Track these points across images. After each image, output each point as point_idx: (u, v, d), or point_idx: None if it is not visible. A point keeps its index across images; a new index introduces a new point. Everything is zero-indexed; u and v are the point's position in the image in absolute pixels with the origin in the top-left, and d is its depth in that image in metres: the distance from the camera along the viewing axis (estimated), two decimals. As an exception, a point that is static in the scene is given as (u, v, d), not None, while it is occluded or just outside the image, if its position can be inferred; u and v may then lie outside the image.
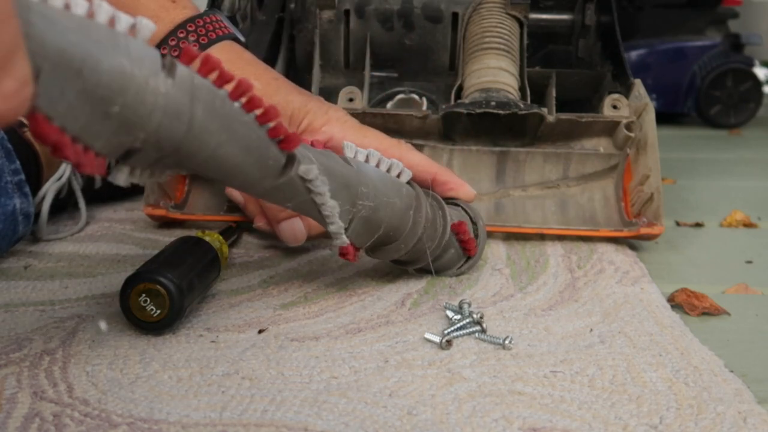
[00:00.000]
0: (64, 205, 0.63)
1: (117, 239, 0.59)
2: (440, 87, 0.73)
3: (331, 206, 0.38)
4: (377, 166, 0.44)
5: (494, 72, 0.65)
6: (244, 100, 0.31)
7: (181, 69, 0.27)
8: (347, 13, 0.71)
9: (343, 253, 0.43)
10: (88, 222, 0.63)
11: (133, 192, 0.71)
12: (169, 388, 0.36)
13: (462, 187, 0.52)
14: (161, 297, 0.40)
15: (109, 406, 0.34)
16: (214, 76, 0.30)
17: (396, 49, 0.72)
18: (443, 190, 0.51)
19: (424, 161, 0.52)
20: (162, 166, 0.29)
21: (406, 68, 0.73)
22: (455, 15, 0.71)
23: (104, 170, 0.26)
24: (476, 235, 0.51)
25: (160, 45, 0.49)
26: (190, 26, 0.49)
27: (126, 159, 0.27)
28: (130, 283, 0.40)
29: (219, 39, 0.50)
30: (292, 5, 0.77)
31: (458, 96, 0.66)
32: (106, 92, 0.24)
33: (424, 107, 0.70)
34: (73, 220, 0.63)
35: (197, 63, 0.30)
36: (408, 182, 0.47)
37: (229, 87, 0.30)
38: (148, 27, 0.26)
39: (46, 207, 0.58)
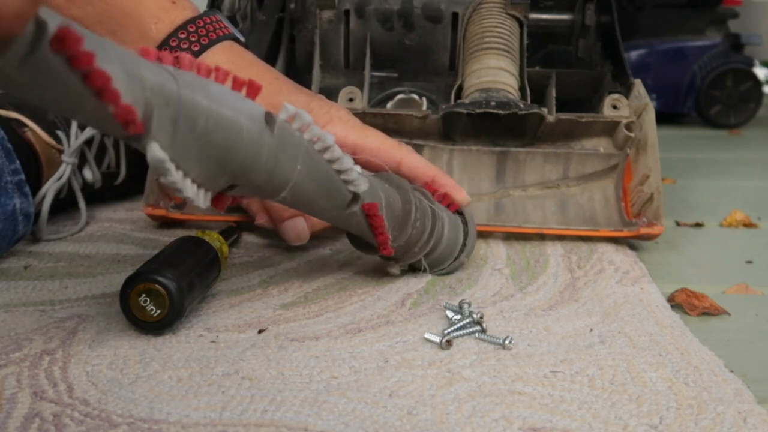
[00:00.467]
0: (64, 205, 0.63)
1: (117, 239, 0.59)
2: (440, 87, 0.73)
3: (327, 135, 0.39)
4: None
5: (494, 72, 0.65)
6: (195, 69, 0.32)
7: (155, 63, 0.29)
8: (347, 13, 0.71)
9: (370, 214, 0.43)
10: (88, 222, 0.63)
11: (133, 192, 0.71)
12: (169, 388, 0.36)
13: (459, 192, 0.52)
14: (161, 297, 0.40)
15: (109, 406, 0.34)
16: (229, 82, 0.33)
17: (396, 49, 0.72)
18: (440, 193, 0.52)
19: (422, 164, 0.52)
20: (182, 142, 0.30)
21: (406, 68, 0.73)
22: (455, 15, 0.71)
23: (140, 124, 0.27)
24: (466, 235, 0.52)
25: (161, 47, 0.49)
26: (191, 27, 0.49)
27: (149, 122, 0.28)
28: (130, 283, 0.40)
29: (219, 39, 0.50)
30: (292, 5, 0.77)
31: (458, 96, 0.66)
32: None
33: (424, 107, 0.70)
34: (73, 220, 0.63)
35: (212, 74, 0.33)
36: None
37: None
38: None
39: (46, 207, 0.58)
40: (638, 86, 0.65)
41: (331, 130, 0.50)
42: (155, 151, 0.28)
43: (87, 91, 0.24)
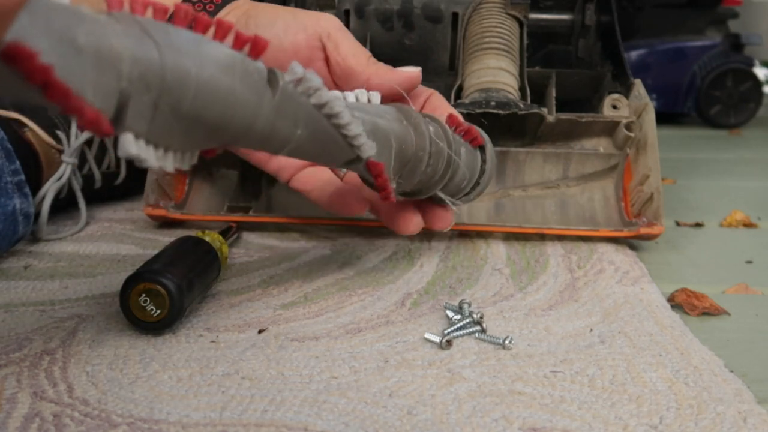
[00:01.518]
0: (64, 205, 0.63)
1: (117, 239, 0.59)
2: (440, 87, 0.72)
3: (337, 100, 0.34)
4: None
5: (494, 72, 0.65)
6: (192, 23, 0.29)
7: (119, 14, 0.26)
8: (347, 13, 0.71)
9: (377, 173, 0.38)
10: (88, 222, 0.63)
11: (133, 192, 0.71)
12: (169, 388, 0.36)
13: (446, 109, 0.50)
14: (161, 297, 0.40)
15: (109, 406, 0.34)
16: (230, 39, 0.29)
17: (396, 49, 0.72)
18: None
19: (445, 104, 0.50)
20: (162, 123, 0.27)
21: (406, 68, 0.73)
22: (455, 15, 0.71)
23: (108, 126, 0.24)
24: (482, 172, 0.48)
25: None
26: None
27: (122, 115, 0.25)
28: (130, 283, 0.40)
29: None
30: (292, 5, 0.77)
31: (458, 96, 0.66)
32: (61, 25, 0.22)
33: (424, 107, 0.70)
34: (73, 220, 0.63)
35: (212, 29, 0.29)
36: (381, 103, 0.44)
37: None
38: None
39: (46, 207, 0.58)
40: (638, 86, 0.65)
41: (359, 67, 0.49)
42: (126, 145, 0.25)
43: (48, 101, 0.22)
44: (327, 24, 0.48)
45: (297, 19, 0.47)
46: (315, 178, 0.51)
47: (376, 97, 0.43)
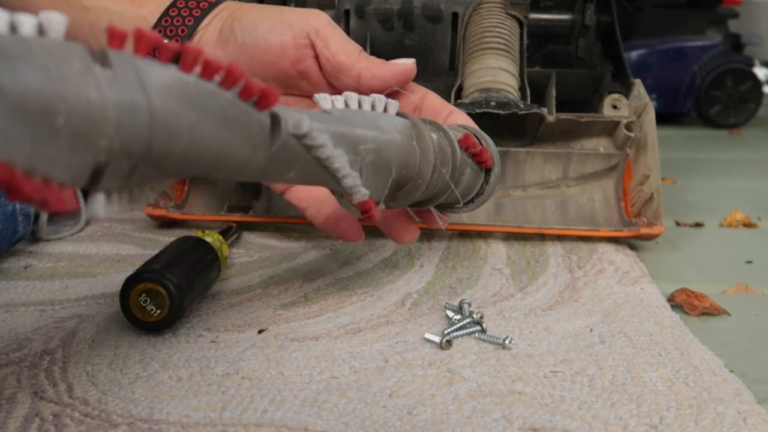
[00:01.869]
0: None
1: (117, 239, 0.59)
2: (440, 87, 0.73)
3: (339, 156, 0.33)
4: (359, 107, 0.40)
5: (494, 72, 0.65)
6: (199, 68, 0.26)
7: (115, 55, 0.23)
8: (347, 13, 0.71)
9: (365, 210, 0.38)
10: (88, 222, 0.63)
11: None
12: (169, 388, 0.36)
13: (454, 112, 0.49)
14: (161, 297, 0.40)
15: (109, 406, 0.34)
16: (199, 67, 0.26)
17: (396, 49, 0.72)
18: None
19: (441, 102, 0.49)
20: (140, 179, 0.25)
21: (406, 68, 0.73)
22: (455, 15, 0.71)
23: (76, 204, 0.21)
24: (480, 193, 0.47)
25: (156, 27, 0.47)
26: (180, 2, 0.48)
27: (96, 182, 0.23)
28: (130, 283, 0.40)
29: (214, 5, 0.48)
30: (292, 5, 0.77)
31: (458, 96, 0.66)
32: (41, 105, 0.20)
33: (424, 107, 0.70)
34: (73, 220, 0.63)
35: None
36: (398, 113, 0.42)
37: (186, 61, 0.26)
38: (57, 20, 0.22)
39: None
40: (638, 86, 0.65)
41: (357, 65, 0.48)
42: (95, 208, 0.23)
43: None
44: (315, 21, 0.46)
45: (283, 18, 0.46)
46: (310, 195, 0.50)
47: (393, 106, 0.41)
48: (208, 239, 0.48)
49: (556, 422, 0.33)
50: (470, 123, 0.48)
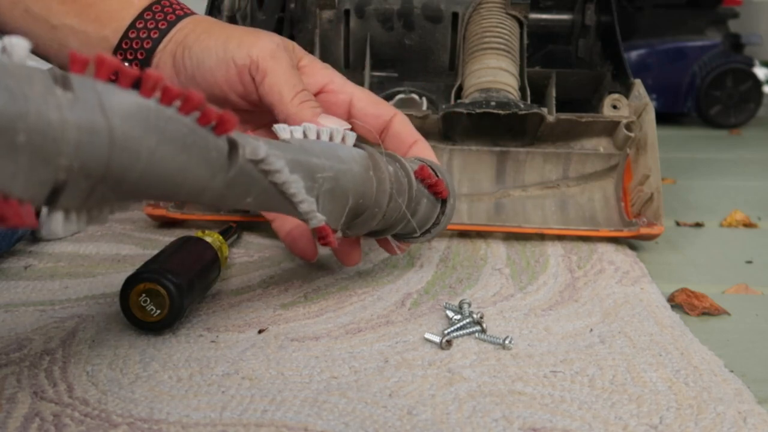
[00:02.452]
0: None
1: (117, 239, 0.59)
2: (440, 87, 0.73)
3: (295, 182, 0.34)
4: (318, 138, 0.41)
5: (494, 72, 0.65)
6: (158, 94, 0.26)
7: (76, 79, 0.23)
8: (347, 13, 0.71)
9: (322, 236, 0.39)
10: (88, 222, 0.63)
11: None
12: (169, 388, 0.36)
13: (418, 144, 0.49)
14: (161, 297, 0.40)
15: (109, 406, 0.34)
16: (158, 94, 0.27)
17: (396, 49, 0.72)
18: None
19: (408, 129, 0.49)
20: (98, 199, 0.25)
21: (406, 68, 0.73)
22: (455, 15, 0.71)
23: (34, 220, 0.22)
24: (436, 223, 0.48)
25: (117, 47, 0.47)
26: (147, 14, 0.47)
27: (55, 200, 0.23)
28: (130, 283, 0.40)
29: (181, 18, 0.48)
30: (292, 5, 0.77)
31: (458, 96, 0.66)
32: (2, 123, 0.20)
33: (424, 107, 0.70)
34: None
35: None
36: (356, 144, 0.43)
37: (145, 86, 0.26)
38: (20, 45, 0.22)
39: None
40: (638, 86, 0.65)
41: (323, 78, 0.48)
42: (54, 226, 0.24)
43: None
44: (257, 53, 0.45)
45: (227, 51, 0.45)
46: None
47: (351, 138, 0.42)
48: (208, 239, 0.48)
49: (556, 422, 0.33)
50: (432, 155, 0.49)
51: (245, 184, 0.32)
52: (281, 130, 0.39)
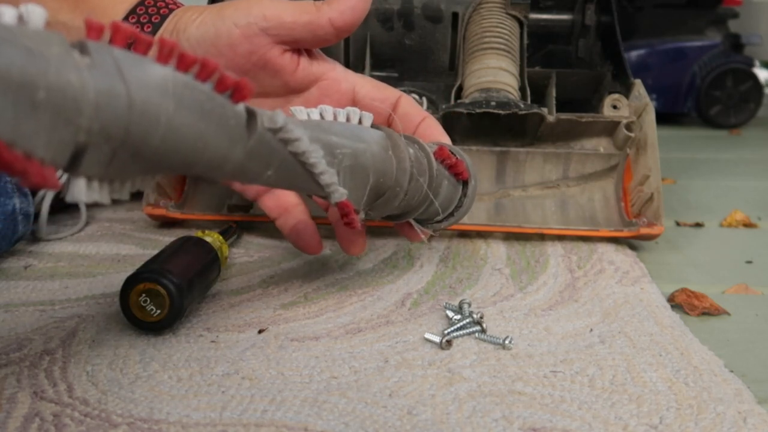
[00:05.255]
0: (64, 205, 0.63)
1: (117, 239, 0.59)
2: (440, 87, 0.73)
3: (315, 152, 0.34)
4: (334, 119, 0.40)
5: (494, 72, 0.65)
6: (174, 60, 0.27)
7: (93, 44, 0.24)
8: (347, 13, 0.71)
9: (345, 212, 0.38)
10: (88, 222, 0.63)
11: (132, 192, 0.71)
12: (169, 388, 0.36)
13: (444, 138, 0.48)
14: (161, 297, 0.40)
15: (109, 406, 0.34)
16: (174, 61, 0.27)
17: (396, 49, 0.72)
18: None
19: (415, 108, 0.48)
20: (120, 168, 0.25)
21: (406, 68, 0.73)
22: (455, 15, 0.71)
23: (57, 181, 0.22)
24: (459, 206, 0.47)
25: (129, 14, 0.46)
26: (140, 9, 0.47)
27: (77, 165, 0.24)
28: (130, 283, 0.40)
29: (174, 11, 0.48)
30: None
31: (458, 96, 0.66)
32: (22, 78, 0.21)
33: (424, 107, 0.70)
34: (73, 220, 0.63)
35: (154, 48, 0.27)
36: (373, 125, 0.43)
37: (155, 50, 0.26)
38: (37, 12, 0.23)
39: (45, 207, 0.58)
40: (638, 86, 0.65)
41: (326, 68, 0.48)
42: (77, 192, 0.24)
43: None
44: (257, 9, 0.45)
45: (225, 19, 0.45)
46: (279, 206, 0.50)
47: (368, 118, 0.42)
48: (208, 239, 0.48)
49: (556, 422, 0.33)
50: (441, 132, 0.48)
51: (265, 155, 0.32)
52: (298, 112, 0.39)
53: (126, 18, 0.46)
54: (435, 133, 0.48)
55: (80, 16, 0.46)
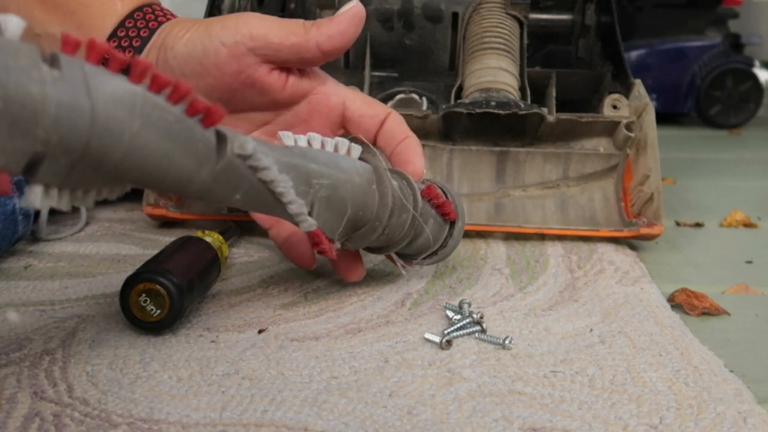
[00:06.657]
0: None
1: (117, 239, 0.59)
2: (440, 87, 0.73)
3: (283, 181, 0.34)
4: (322, 148, 0.40)
5: (494, 72, 0.65)
6: (147, 81, 0.27)
7: (65, 58, 0.24)
8: (347, 13, 0.71)
9: (315, 242, 0.39)
10: (88, 222, 0.63)
11: (132, 192, 0.71)
12: (169, 388, 0.36)
13: (417, 161, 0.47)
14: (161, 297, 0.40)
15: (109, 406, 0.34)
16: (147, 81, 0.27)
17: (396, 49, 0.72)
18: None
19: (400, 127, 0.48)
20: (80, 179, 0.26)
21: (406, 68, 0.73)
22: (455, 15, 0.71)
23: (8, 187, 0.22)
24: (443, 246, 0.48)
25: (109, 40, 0.46)
26: (129, 22, 0.46)
27: (33, 173, 0.24)
28: (130, 283, 0.40)
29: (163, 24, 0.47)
30: (292, 5, 0.77)
31: (458, 96, 0.66)
32: None
33: (424, 107, 0.70)
34: (73, 220, 0.63)
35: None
36: (361, 157, 0.43)
37: (133, 72, 0.27)
38: (14, 22, 0.23)
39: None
40: (638, 86, 0.65)
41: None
42: (32, 198, 0.24)
43: None
44: (245, 28, 0.44)
45: (212, 38, 0.44)
46: (272, 217, 0.48)
47: (356, 150, 0.42)
48: (208, 239, 0.48)
49: (556, 422, 0.33)
50: (419, 153, 0.47)
51: (234, 179, 0.32)
52: (285, 137, 0.39)
53: (115, 31, 0.46)
54: (409, 155, 0.47)
55: (69, 30, 0.46)
